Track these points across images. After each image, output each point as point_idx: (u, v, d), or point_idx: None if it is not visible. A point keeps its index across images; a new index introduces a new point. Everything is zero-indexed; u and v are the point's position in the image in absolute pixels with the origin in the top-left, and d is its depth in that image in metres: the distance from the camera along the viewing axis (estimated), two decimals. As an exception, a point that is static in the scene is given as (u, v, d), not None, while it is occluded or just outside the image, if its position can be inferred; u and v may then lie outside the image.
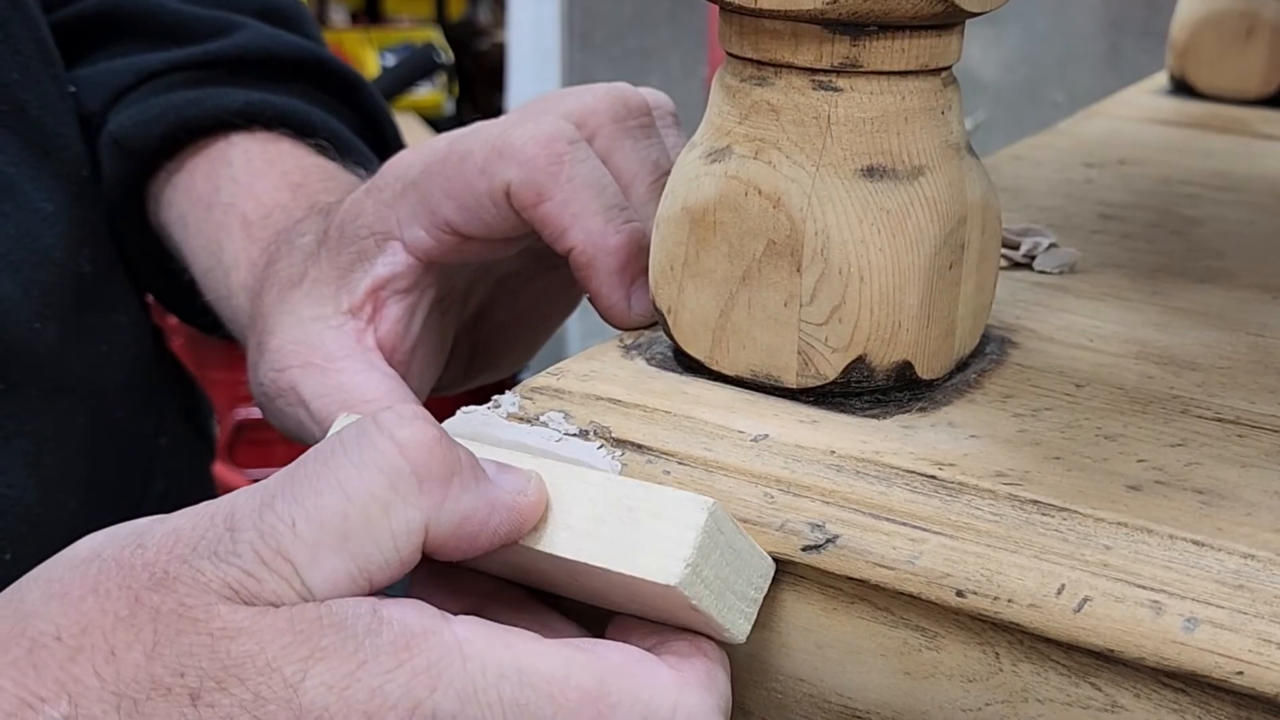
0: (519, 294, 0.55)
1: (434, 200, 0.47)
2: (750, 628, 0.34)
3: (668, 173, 0.45)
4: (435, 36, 2.93)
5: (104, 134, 0.62)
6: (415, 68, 2.42)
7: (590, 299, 0.46)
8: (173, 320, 1.84)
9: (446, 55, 2.73)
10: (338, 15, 3.10)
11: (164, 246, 0.64)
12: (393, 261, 0.49)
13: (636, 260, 0.44)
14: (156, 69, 0.63)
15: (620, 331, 0.44)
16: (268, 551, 0.31)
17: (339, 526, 0.31)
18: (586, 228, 0.45)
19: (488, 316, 0.57)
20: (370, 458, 0.31)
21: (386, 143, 0.67)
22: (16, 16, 0.56)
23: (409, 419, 0.32)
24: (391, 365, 0.50)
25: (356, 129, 0.66)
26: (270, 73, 0.64)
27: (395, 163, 0.50)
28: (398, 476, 0.31)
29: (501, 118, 0.49)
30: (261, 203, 0.58)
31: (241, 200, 0.58)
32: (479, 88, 2.86)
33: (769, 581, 0.34)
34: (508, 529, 0.33)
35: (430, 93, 2.68)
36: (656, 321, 0.41)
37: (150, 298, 0.69)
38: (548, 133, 0.46)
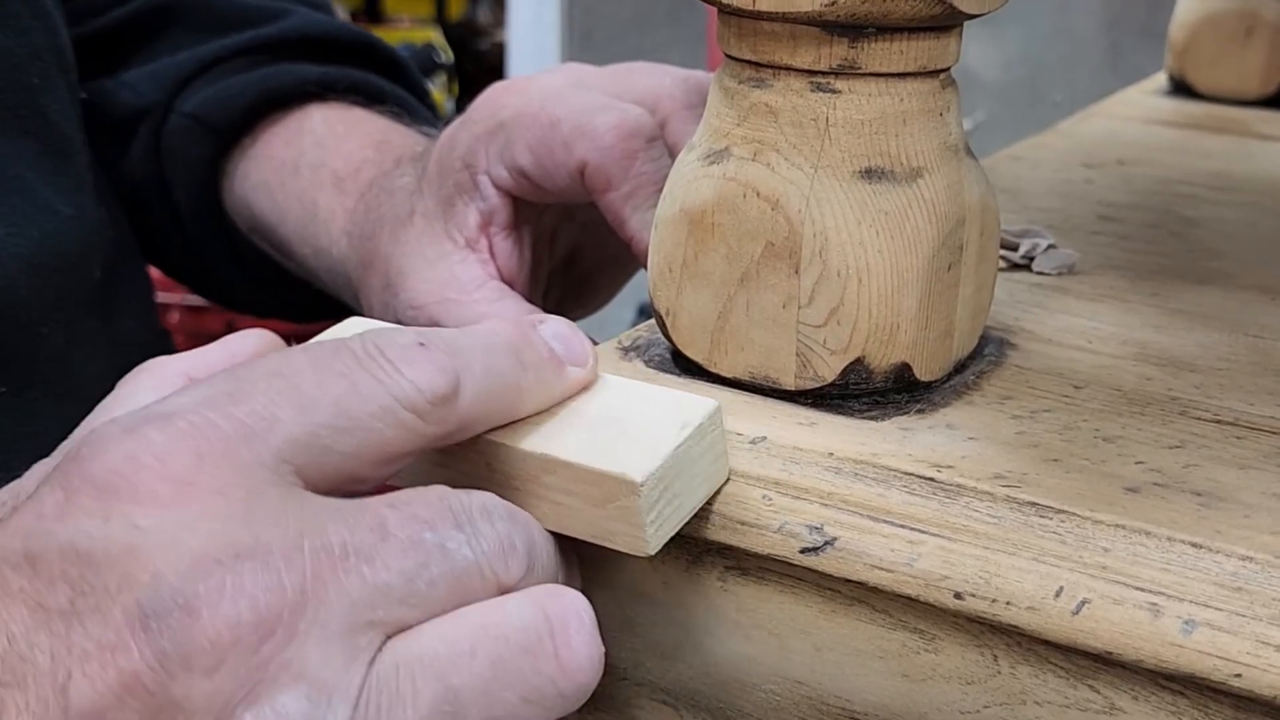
0: (603, 240, 0.58)
1: (517, 149, 0.51)
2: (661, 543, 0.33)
3: None
4: (435, 36, 2.93)
5: (174, 119, 0.66)
6: (415, 67, 2.42)
7: None
8: (173, 319, 1.84)
9: (446, 55, 2.73)
10: (337, 15, 3.10)
11: (235, 225, 0.66)
12: (489, 195, 0.53)
13: None
14: (220, 54, 0.68)
15: (619, 334, 0.44)
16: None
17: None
18: (644, 221, 0.49)
19: (576, 260, 0.60)
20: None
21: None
22: (37, 25, 0.57)
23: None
24: None
25: None
26: (325, 54, 0.67)
27: (490, 99, 0.53)
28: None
29: (596, 78, 0.53)
30: (350, 159, 0.61)
31: (330, 159, 0.62)
32: (479, 88, 2.86)
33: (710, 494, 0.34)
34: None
35: (430, 92, 2.68)
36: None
37: (156, 298, 0.70)
38: (630, 126, 0.50)
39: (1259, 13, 0.74)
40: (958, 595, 0.32)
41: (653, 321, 0.42)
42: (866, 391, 0.38)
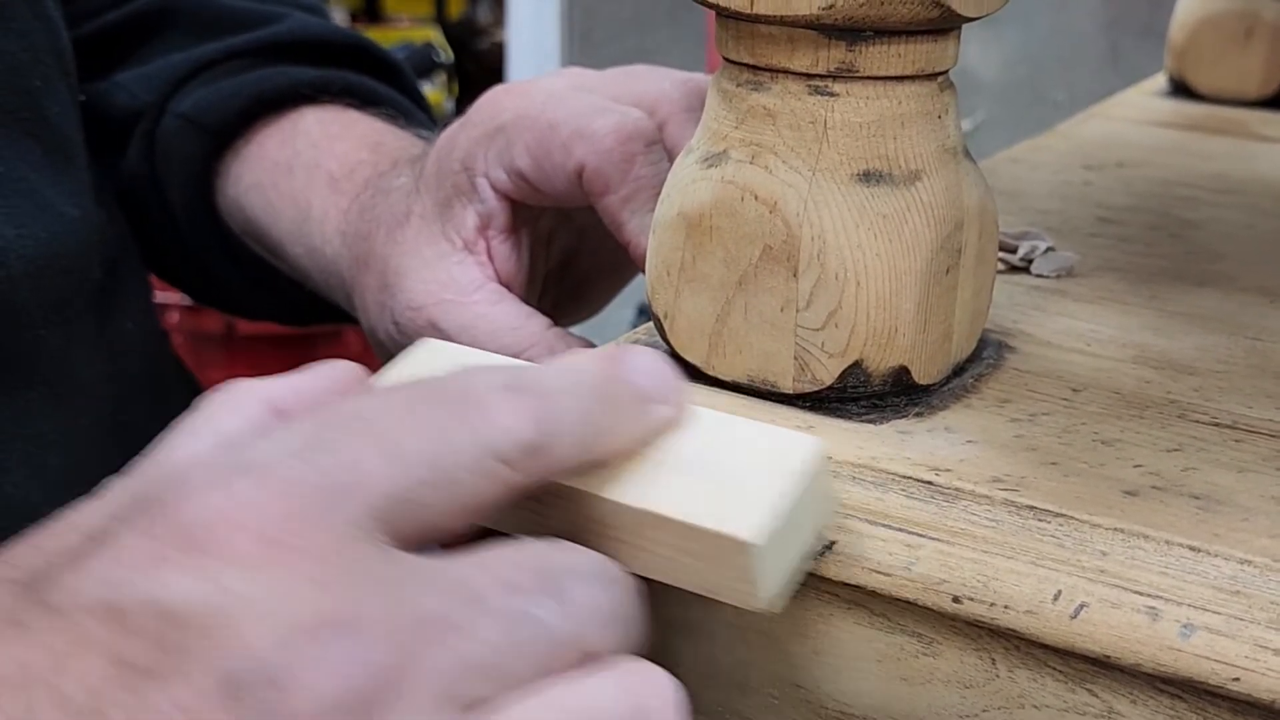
0: (599, 245, 0.57)
1: (516, 151, 0.51)
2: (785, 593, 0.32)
3: None
4: (435, 36, 2.93)
5: (167, 120, 0.66)
6: (415, 67, 2.42)
7: None
8: (172, 319, 1.84)
9: (446, 55, 2.73)
10: (337, 14, 3.10)
11: (229, 227, 0.67)
12: (487, 198, 0.52)
13: None
14: (214, 57, 0.68)
15: (619, 335, 0.44)
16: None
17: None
18: (642, 224, 0.49)
19: (572, 264, 0.59)
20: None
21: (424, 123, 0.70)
22: (38, 27, 0.57)
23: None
24: None
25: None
26: (320, 57, 0.67)
27: (490, 101, 0.53)
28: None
29: (596, 81, 0.53)
30: (344, 160, 0.61)
31: (324, 159, 0.61)
32: (479, 87, 2.86)
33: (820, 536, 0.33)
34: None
35: (430, 92, 2.68)
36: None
37: (158, 299, 0.70)
38: (630, 129, 0.49)
39: (1259, 13, 0.74)
40: (956, 599, 0.32)
41: (651, 324, 0.42)
42: (865, 395, 0.38)
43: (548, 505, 0.32)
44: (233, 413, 0.33)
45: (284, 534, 0.27)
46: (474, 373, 0.31)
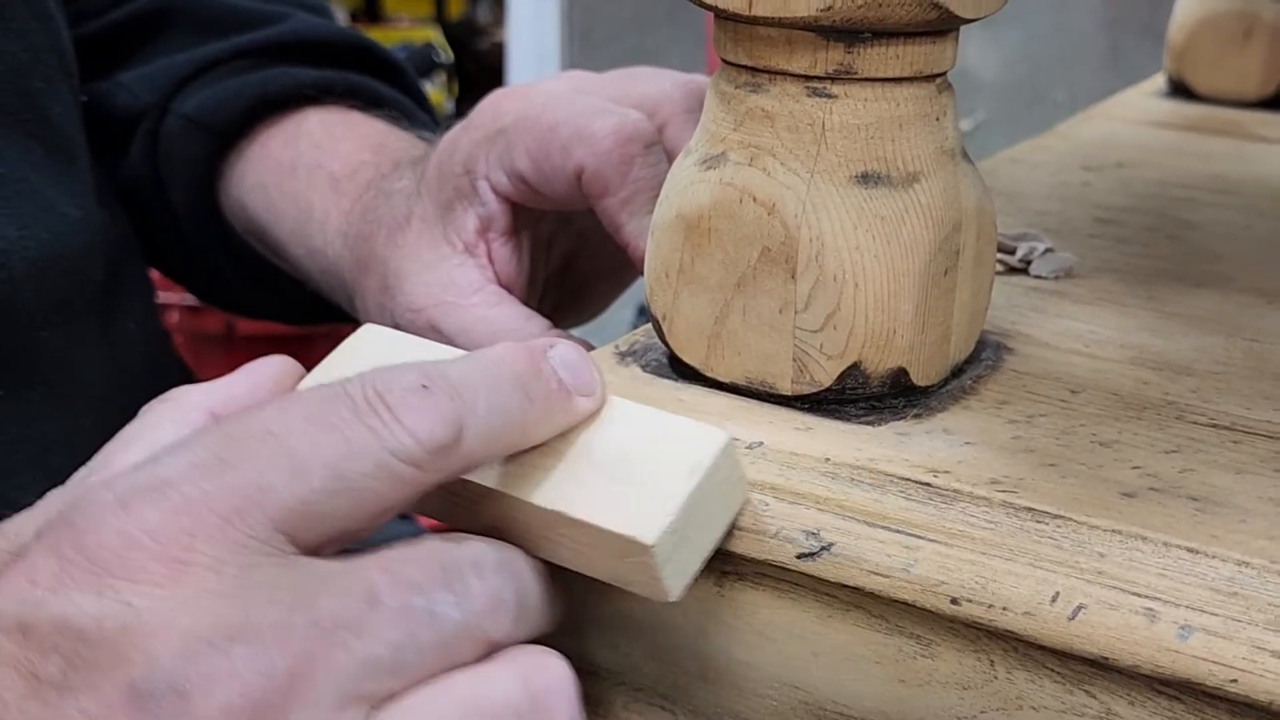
0: (599, 248, 0.58)
1: (516, 153, 0.51)
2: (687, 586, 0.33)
3: None
4: (435, 36, 2.93)
5: (170, 120, 0.66)
6: (415, 67, 2.43)
7: None
8: (173, 319, 1.84)
9: (446, 54, 2.73)
10: (337, 14, 3.10)
11: (231, 227, 0.67)
12: (488, 201, 0.52)
13: None
14: (217, 57, 0.68)
15: (616, 339, 0.44)
16: None
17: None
18: (640, 226, 0.49)
19: (572, 268, 0.59)
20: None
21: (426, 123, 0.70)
22: (39, 28, 0.57)
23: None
24: None
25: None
26: (322, 58, 0.68)
27: (491, 104, 0.53)
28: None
29: (597, 84, 0.53)
30: (347, 162, 0.61)
31: (327, 160, 0.62)
32: (479, 87, 2.86)
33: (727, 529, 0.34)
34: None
35: (430, 92, 2.68)
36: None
37: (159, 300, 0.70)
38: (628, 131, 0.49)
39: (1258, 14, 0.74)
40: (954, 600, 0.32)
41: (650, 326, 0.42)
42: (863, 396, 0.38)
43: (461, 497, 0.34)
44: (171, 422, 0.35)
45: (184, 551, 0.29)
46: (385, 373, 0.31)
